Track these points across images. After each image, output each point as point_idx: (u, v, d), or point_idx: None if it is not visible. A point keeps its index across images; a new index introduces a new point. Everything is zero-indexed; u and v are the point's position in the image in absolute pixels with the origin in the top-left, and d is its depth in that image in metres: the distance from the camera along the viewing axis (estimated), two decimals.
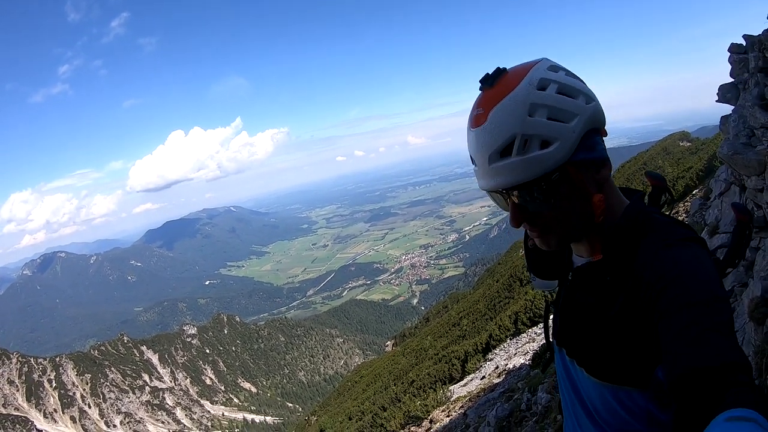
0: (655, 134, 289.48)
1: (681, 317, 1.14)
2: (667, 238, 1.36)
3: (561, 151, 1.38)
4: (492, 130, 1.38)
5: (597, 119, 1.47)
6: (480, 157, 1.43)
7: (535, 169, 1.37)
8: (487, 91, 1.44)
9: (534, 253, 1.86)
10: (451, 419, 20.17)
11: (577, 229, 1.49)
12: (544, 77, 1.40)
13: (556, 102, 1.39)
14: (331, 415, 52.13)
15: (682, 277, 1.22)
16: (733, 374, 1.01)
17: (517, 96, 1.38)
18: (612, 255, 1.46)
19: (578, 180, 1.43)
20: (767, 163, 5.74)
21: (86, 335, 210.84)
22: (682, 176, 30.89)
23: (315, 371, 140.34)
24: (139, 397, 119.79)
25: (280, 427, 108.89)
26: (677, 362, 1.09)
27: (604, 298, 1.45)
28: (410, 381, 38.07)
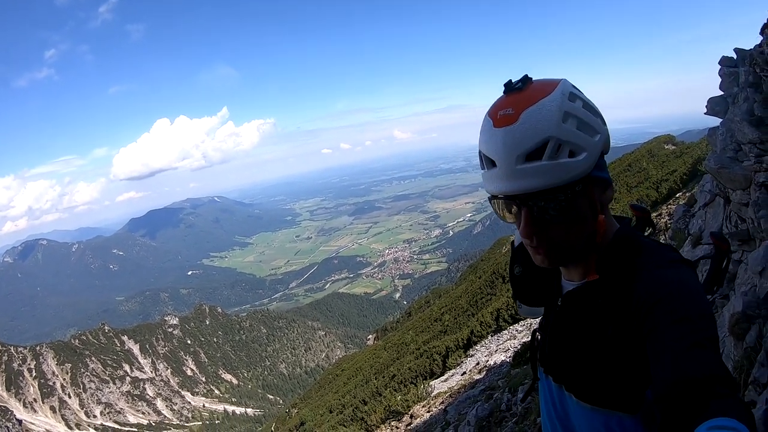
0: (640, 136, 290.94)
1: (669, 332, 1.18)
2: (659, 260, 1.39)
3: (587, 162, 1.40)
4: (525, 131, 1.37)
5: (608, 141, 1.49)
6: (506, 157, 1.39)
7: (564, 176, 1.37)
8: (515, 94, 1.43)
9: (521, 279, 1.84)
10: (431, 415, 20.23)
11: (582, 247, 1.49)
12: (573, 91, 1.43)
13: (585, 115, 1.42)
14: (311, 408, 52.16)
15: (671, 295, 1.25)
16: (717, 386, 1.04)
17: (553, 101, 1.38)
18: (608, 275, 1.46)
19: (592, 196, 1.46)
20: (753, 179, 5.80)
21: (67, 324, 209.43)
22: (666, 179, 31.15)
23: (296, 363, 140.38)
24: (119, 388, 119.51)
25: (261, 419, 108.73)
26: (663, 375, 1.12)
27: (598, 320, 1.45)
28: (391, 375, 38.14)
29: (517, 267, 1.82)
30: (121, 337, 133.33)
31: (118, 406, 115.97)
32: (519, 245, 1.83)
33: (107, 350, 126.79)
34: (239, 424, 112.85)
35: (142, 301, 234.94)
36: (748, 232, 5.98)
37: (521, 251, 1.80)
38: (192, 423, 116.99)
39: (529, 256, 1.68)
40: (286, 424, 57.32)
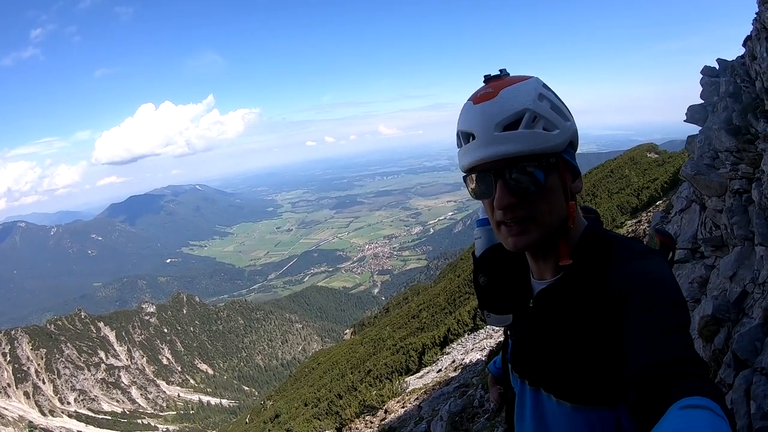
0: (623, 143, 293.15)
1: (642, 319, 1.20)
2: (630, 251, 1.44)
3: (560, 138, 1.46)
4: (503, 103, 1.43)
5: (577, 135, 1.55)
6: (485, 126, 1.44)
7: (539, 144, 1.42)
8: (493, 81, 1.51)
9: (487, 288, 1.83)
10: (405, 410, 20.37)
11: (556, 228, 1.50)
12: (545, 85, 1.51)
13: (557, 101, 1.49)
14: (287, 401, 52.18)
15: (645, 284, 1.28)
16: (688, 367, 1.07)
17: (529, 83, 1.47)
18: (582, 267, 1.50)
19: (563, 177, 1.49)
20: (728, 186, 5.91)
21: (43, 308, 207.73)
22: (647, 187, 31.45)
23: (273, 356, 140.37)
24: (94, 375, 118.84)
25: (236, 411, 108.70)
26: (635, 359, 1.15)
27: (574, 315, 1.47)
28: (367, 370, 38.27)
29: (482, 276, 1.81)
30: (97, 324, 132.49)
31: (92, 394, 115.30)
32: (481, 255, 1.83)
33: (83, 336, 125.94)
34: (214, 414, 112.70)
35: (119, 288, 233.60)
36: (722, 239, 6.10)
37: (485, 261, 1.80)
38: (166, 412, 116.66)
39: (494, 264, 1.75)
40: (260, 416, 57.33)
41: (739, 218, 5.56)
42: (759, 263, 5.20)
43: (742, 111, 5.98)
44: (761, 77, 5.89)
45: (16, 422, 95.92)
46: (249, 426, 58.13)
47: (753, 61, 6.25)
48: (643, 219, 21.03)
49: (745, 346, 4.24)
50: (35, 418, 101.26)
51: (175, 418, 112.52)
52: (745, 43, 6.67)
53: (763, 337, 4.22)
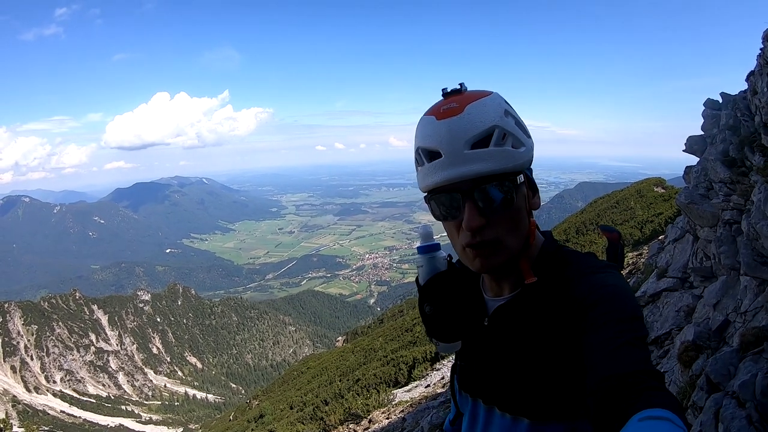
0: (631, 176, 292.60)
1: (602, 333, 1.20)
2: (589, 266, 1.43)
3: (526, 156, 1.45)
4: (471, 120, 1.39)
5: (532, 153, 1.53)
6: (453, 144, 1.40)
7: (510, 162, 1.40)
8: (454, 95, 1.47)
9: (433, 317, 1.72)
10: (389, 422, 20.36)
11: (521, 246, 1.49)
12: (506, 100, 1.49)
13: (518, 117, 1.47)
14: (272, 402, 52.04)
15: (605, 298, 1.28)
16: (647, 380, 1.07)
17: (494, 99, 1.44)
18: (542, 279, 1.48)
19: (528, 193, 1.50)
20: (720, 217, 5.99)
21: (38, 285, 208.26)
22: (651, 221, 31.41)
23: (263, 356, 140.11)
24: (83, 356, 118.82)
25: (221, 407, 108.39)
26: (597, 371, 1.14)
27: (533, 329, 1.46)
28: (356, 379, 38.11)
29: (427, 306, 1.70)
30: (91, 306, 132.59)
31: (79, 375, 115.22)
32: (425, 284, 1.71)
33: (75, 317, 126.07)
34: (198, 408, 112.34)
35: (116, 273, 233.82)
36: (711, 269, 6.18)
37: (429, 289, 1.70)
38: (151, 401, 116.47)
39: (438, 293, 1.67)
40: (245, 415, 57.19)
41: (727, 248, 5.63)
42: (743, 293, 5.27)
43: (740, 144, 6.06)
44: (761, 111, 5.97)
45: (0, 395, 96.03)
46: (232, 423, 57.98)
47: (754, 95, 6.33)
48: (645, 252, 21.05)
49: (719, 370, 4.32)
50: (19, 393, 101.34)
51: (159, 408, 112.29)
52: (748, 78, 6.75)
53: (737, 362, 4.30)
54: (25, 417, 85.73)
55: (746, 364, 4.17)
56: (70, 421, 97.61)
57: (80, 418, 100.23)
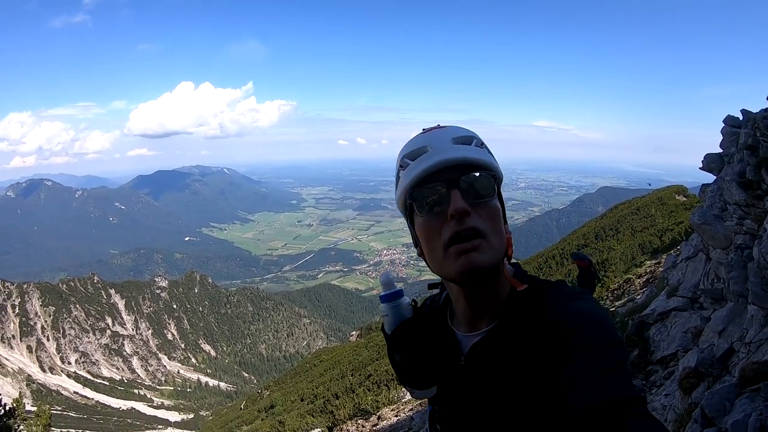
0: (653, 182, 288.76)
1: (582, 360, 1.19)
2: (564, 293, 1.43)
3: (499, 170, 1.52)
4: (452, 130, 1.53)
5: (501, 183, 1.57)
6: (440, 140, 1.49)
7: (490, 160, 1.49)
8: (434, 129, 1.58)
9: (404, 365, 1.72)
10: (398, 420, 20.33)
11: (501, 253, 1.47)
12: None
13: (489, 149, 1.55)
14: (284, 393, 52.25)
15: (583, 324, 1.27)
16: (632, 406, 1.07)
17: (466, 129, 1.55)
18: (514, 317, 1.47)
19: (501, 207, 1.52)
20: (733, 241, 5.86)
21: (58, 268, 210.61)
22: (671, 229, 31.06)
23: (276, 346, 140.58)
24: (98, 339, 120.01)
25: (232, 395, 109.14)
26: (581, 399, 1.14)
27: (513, 361, 1.43)
28: (367, 374, 38.15)
29: (396, 355, 1.71)
30: (108, 290, 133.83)
31: (93, 357, 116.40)
32: (392, 333, 1.70)
33: (93, 300, 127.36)
34: (210, 396, 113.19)
35: (135, 258, 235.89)
36: (722, 292, 6.05)
37: (397, 338, 1.69)
38: (164, 386, 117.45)
39: (407, 341, 1.66)
40: (255, 405, 57.47)
41: (737, 274, 5.50)
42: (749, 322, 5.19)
43: (757, 165, 5.91)
44: None
45: (15, 374, 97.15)
46: (243, 412, 58.30)
47: None
48: (663, 261, 20.82)
49: (715, 404, 4.21)
50: (34, 373, 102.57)
51: (171, 394, 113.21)
52: None
53: (734, 397, 4.18)
54: (39, 396, 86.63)
55: (742, 401, 4.05)
56: (82, 402, 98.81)
57: (93, 400, 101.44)
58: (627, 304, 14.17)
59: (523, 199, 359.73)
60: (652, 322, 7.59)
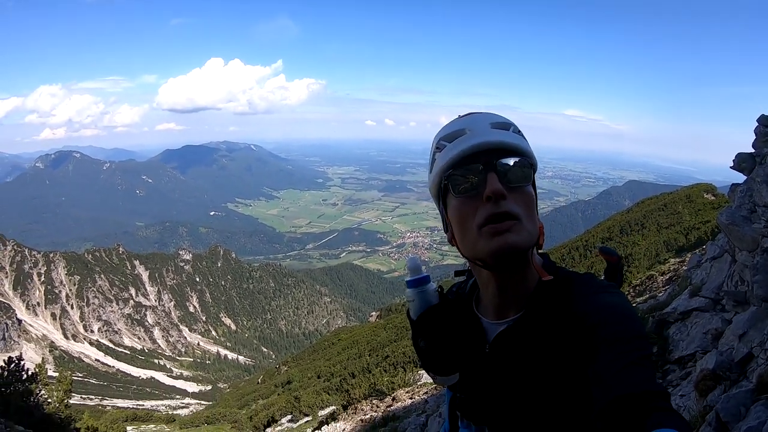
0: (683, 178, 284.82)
1: (609, 353, 1.19)
2: (592, 286, 1.42)
3: (534, 158, 1.53)
4: (491, 114, 1.53)
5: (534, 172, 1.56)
6: (479, 123, 1.49)
7: (528, 147, 1.50)
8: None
9: (428, 351, 1.68)
10: (412, 402, 20.43)
11: (534, 239, 1.46)
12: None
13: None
14: (301, 369, 52.63)
15: (611, 317, 1.27)
16: (656, 400, 1.08)
17: (504, 117, 1.54)
18: (541, 307, 1.47)
19: (535, 194, 1.51)
20: (760, 243, 5.74)
21: (84, 238, 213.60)
22: (697, 227, 30.73)
23: (296, 323, 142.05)
24: (121, 309, 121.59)
25: (251, 369, 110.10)
26: (606, 391, 1.14)
27: (538, 351, 1.43)
28: (385, 356, 38.35)
29: (421, 341, 1.67)
30: (133, 261, 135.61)
31: (116, 327, 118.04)
32: (418, 319, 1.66)
33: (117, 271, 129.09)
34: (229, 368, 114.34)
35: (160, 231, 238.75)
36: (745, 295, 5.92)
37: (422, 324, 1.65)
38: (183, 358, 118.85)
39: (432, 327, 1.62)
40: (273, 379, 57.94)
41: (762, 278, 5.37)
42: None
43: None
44: None
45: (39, 340, 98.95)
46: (260, 386, 58.78)
47: None
48: (688, 259, 20.54)
49: (730, 409, 4.13)
50: (57, 340, 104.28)
51: (190, 365, 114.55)
52: None
53: (750, 403, 4.10)
54: (61, 363, 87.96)
55: (757, 408, 3.96)
56: (103, 370, 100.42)
57: (113, 368, 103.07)
58: (648, 301, 14.03)
59: (549, 188, 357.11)
60: (673, 320, 7.48)
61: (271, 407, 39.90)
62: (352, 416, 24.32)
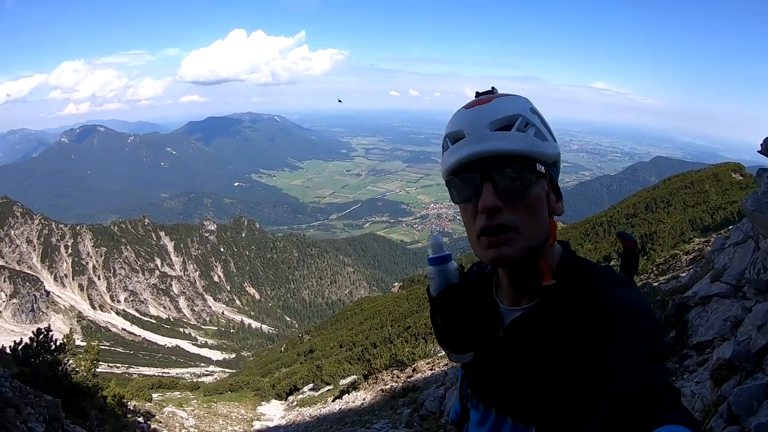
0: (711, 156, 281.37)
1: (622, 347, 1.20)
2: (610, 280, 1.42)
3: (550, 150, 1.46)
4: (496, 108, 1.43)
5: (560, 160, 1.53)
6: (477, 124, 1.43)
7: (531, 147, 1.41)
8: (487, 94, 1.53)
9: (445, 329, 1.71)
10: (432, 373, 20.34)
11: (538, 243, 1.45)
12: (534, 105, 1.50)
13: (544, 120, 1.49)
14: (323, 339, 52.86)
15: (626, 312, 1.28)
16: (666, 396, 1.09)
17: (521, 98, 1.48)
18: (563, 289, 1.46)
19: (549, 191, 1.48)
20: None
21: (110, 210, 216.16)
22: (724, 207, 30.16)
23: (319, 293, 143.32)
24: (147, 279, 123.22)
25: (274, 338, 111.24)
26: (615, 385, 1.15)
27: (552, 342, 1.43)
28: (406, 326, 38.26)
29: (439, 318, 1.69)
30: (158, 232, 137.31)
31: (142, 296, 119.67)
32: (437, 296, 1.67)
33: (143, 242, 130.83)
34: (252, 337, 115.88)
35: (185, 202, 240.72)
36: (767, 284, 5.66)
37: (441, 301, 1.67)
38: (208, 326, 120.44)
39: (450, 305, 1.63)
40: (295, 348, 58.27)
41: None
42: None
43: None
44: None
45: (67, 311, 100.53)
46: (283, 355, 59.14)
47: None
48: (713, 240, 20.13)
49: (742, 402, 3.96)
50: (85, 310, 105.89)
51: (215, 334, 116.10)
52: None
53: (762, 397, 3.91)
54: (89, 332, 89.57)
55: None
56: (130, 339, 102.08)
57: (140, 337, 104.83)
58: (671, 282, 13.74)
59: (574, 161, 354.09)
60: (693, 305, 7.27)
61: (294, 376, 40.09)
62: (373, 386, 24.37)
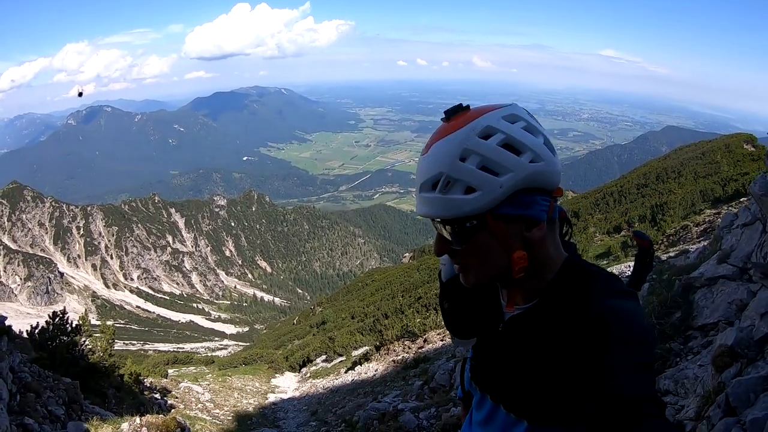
0: (722, 126, 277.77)
1: (612, 355, 1.23)
2: (607, 289, 1.43)
3: (481, 201, 1.39)
4: (428, 163, 1.43)
5: (537, 180, 1.45)
6: (417, 184, 1.47)
7: (451, 210, 1.41)
8: (443, 123, 1.48)
9: (451, 313, 1.84)
10: (443, 344, 20.33)
11: (494, 273, 1.50)
12: (492, 126, 1.42)
13: (492, 153, 1.39)
14: (335, 310, 53.01)
15: (621, 321, 1.31)
16: (649, 406, 1.12)
17: (456, 138, 1.41)
18: (553, 302, 1.49)
19: (499, 232, 1.44)
20: None
21: (120, 190, 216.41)
22: (735, 179, 29.80)
23: (330, 265, 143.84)
24: (159, 256, 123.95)
25: (286, 310, 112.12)
26: (601, 392, 1.19)
27: (543, 343, 1.46)
28: (417, 297, 38.27)
29: (445, 302, 1.82)
30: (169, 209, 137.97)
31: (155, 273, 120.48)
32: (447, 282, 1.81)
33: (154, 219, 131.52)
34: (265, 310, 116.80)
35: (194, 178, 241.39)
36: None
37: (449, 286, 1.79)
38: (221, 301, 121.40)
39: (457, 290, 1.76)
40: (308, 320, 58.50)
41: None
42: None
43: None
44: None
45: (81, 291, 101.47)
46: (295, 327, 59.44)
47: None
48: (723, 212, 19.77)
49: (740, 394, 3.83)
50: (99, 289, 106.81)
51: (228, 308, 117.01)
52: None
53: (760, 390, 3.75)
54: (104, 311, 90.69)
55: (766, 397, 3.69)
56: (144, 316, 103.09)
57: (154, 313, 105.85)
58: (680, 257, 13.56)
59: (585, 130, 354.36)
60: (699, 285, 7.09)
61: (307, 347, 40.29)
62: (385, 357, 24.51)
